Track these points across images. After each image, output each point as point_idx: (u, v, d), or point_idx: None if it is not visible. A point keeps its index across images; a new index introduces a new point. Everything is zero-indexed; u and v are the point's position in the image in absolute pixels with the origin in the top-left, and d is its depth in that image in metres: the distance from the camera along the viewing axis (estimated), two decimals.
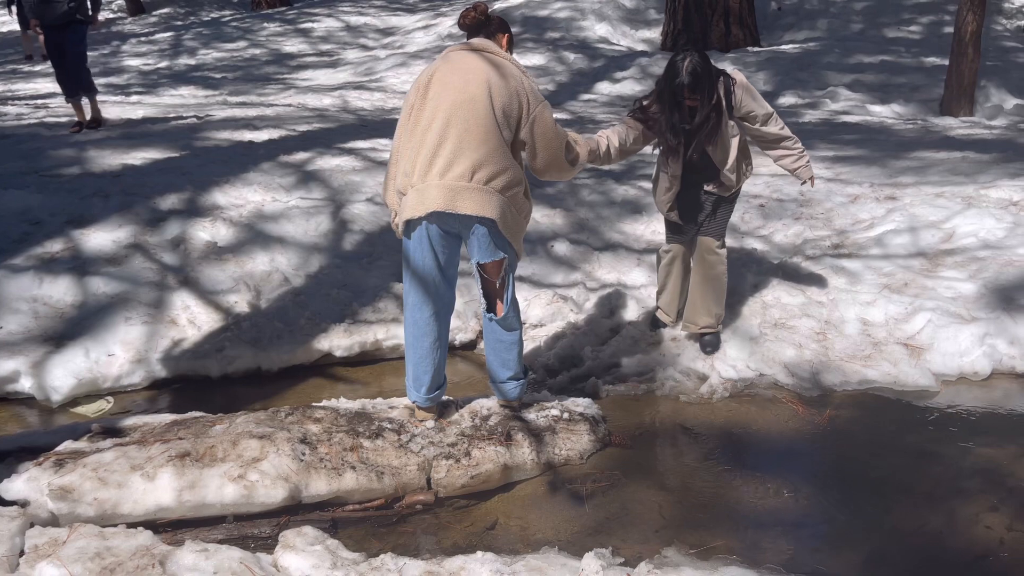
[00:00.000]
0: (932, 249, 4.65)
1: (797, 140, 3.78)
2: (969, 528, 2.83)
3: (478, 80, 2.99)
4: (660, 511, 2.98)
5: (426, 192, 2.98)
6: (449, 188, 2.95)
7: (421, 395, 3.29)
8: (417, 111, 3.06)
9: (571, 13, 12.38)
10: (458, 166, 2.96)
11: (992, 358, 3.81)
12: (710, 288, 3.91)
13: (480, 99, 2.97)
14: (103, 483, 2.85)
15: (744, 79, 3.62)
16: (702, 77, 3.43)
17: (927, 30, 11.51)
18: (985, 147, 6.54)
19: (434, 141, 2.98)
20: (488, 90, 2.98)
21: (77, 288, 4.28)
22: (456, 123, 2.96)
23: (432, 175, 2.98)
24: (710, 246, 3.85)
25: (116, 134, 6.89)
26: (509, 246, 3.13)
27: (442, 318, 3.25)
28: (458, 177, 2.96)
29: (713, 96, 3.50)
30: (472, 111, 2.96)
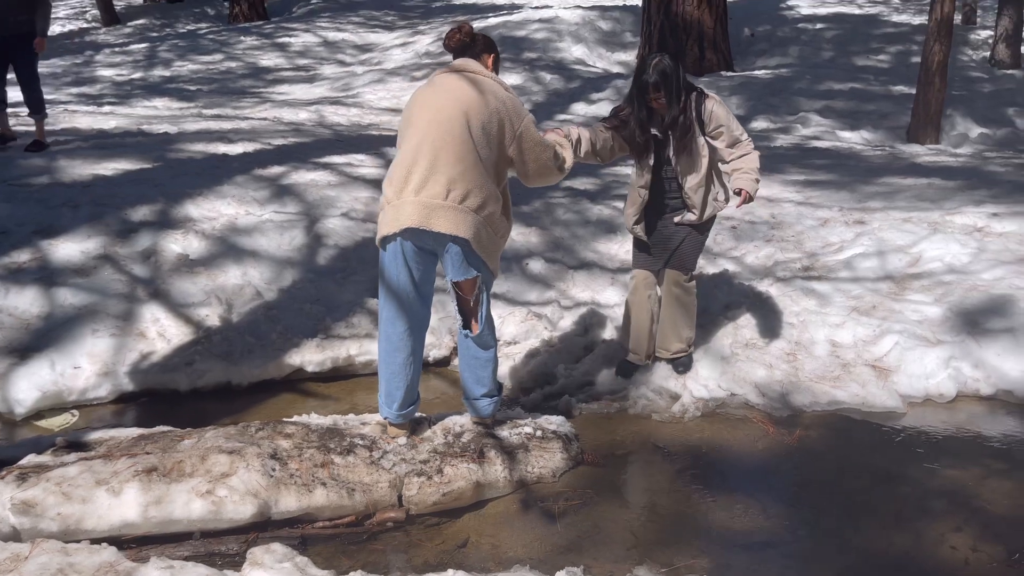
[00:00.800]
0: (899, 273, 4.73)
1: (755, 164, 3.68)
2: (935, 548, 2.86)
3: (455, 99, 3.03)
4: (632, 530, 2.98)
5: (401, 209, 3.01)
6: (424, 205, 2.98)
7: (393, 411, 3.27)
8: (401, 133, 3.13)
9: (548, 34, 12.49)
10: (433, 184, 2.98)
11: (957, 380, 3.88)
12: (679, 314, 3.90)
13: (456, 118, 3.00)
14: (67, 498, 2.80)
15: (719, 100, 3.65)
16: (669, 77, 3.47)
17: (895, 59, 11.77)
18: (951, 174, 6.69)
19: (410, 160, 3.03)
20: (464, 109, 3.01)
21: (44, 299, 4.21)
22: (430, 142, 3.00)
23: (407, 192, 3.01)
24: (678, 279, 3.84)
25: (88, 144, 6.81)
26: (484, 265, 3.15)
27: (415, 334, 3.24)
28: (433, 195, 2.98)
29: (680, 101, 3.53)
30: (447, 130, 2.99)
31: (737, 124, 3.67)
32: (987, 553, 2.82)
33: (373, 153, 6.62)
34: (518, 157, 3.15)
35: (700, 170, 3.65)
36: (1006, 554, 2.81)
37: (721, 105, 3.62)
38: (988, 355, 3.95)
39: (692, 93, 3.59)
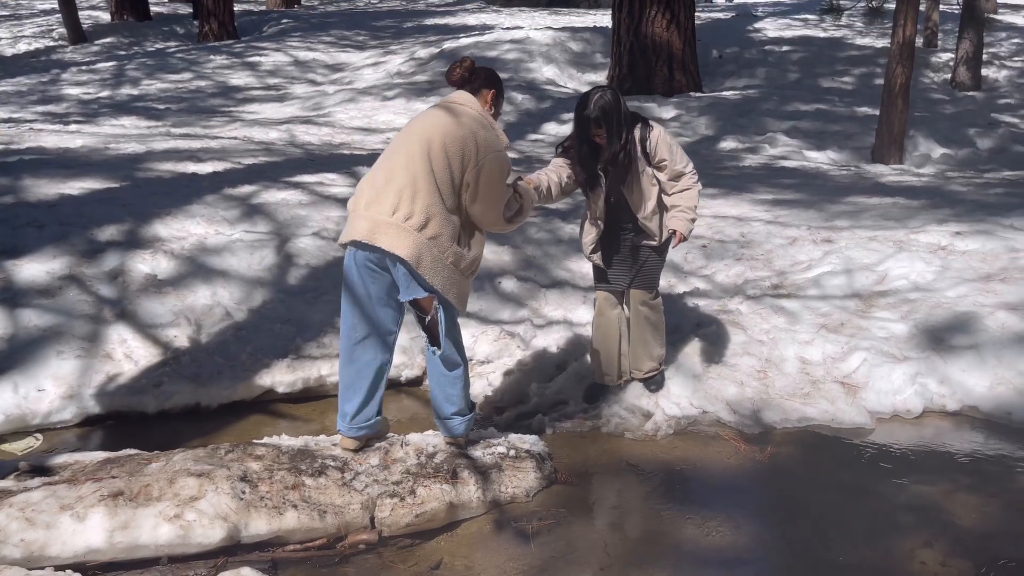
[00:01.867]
0: (866, 291, 4.80)
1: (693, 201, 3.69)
2: (905, 563, 2.89)
3: (428, 125, 3.10)
4: (605, 549, 2.98)
5: (354, 222, 3.09)
6: (371, 220, 3.04)
7: (344, 423, 3.29)
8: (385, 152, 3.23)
9: (520, 55, 12.59)
10: (383, 201, 3.04)
11: (924, 396, 3.94)
12: (649, 333, 3.89)
13: (421, 141, 3.06)
14: (30, 523, 2.74)
15: (664, 132, 3.63)
16: (610, 113, 3.44)
17: (859, 81, 12.01)
18: (914, 194, 6.82)
19: (371, 176, 3.14)
20: (431, 134, 3.06)
21: (7, 320, 4.13)
22: (392, 161, 3.09)
23: (360, 206, 3.09)
24: (643, 298, 3.83)
25: (53, 163, 6.71)
26: (433, 289, 3.10)
27: (373, 347, 3.22)
28: (380, 212, 3.03)
29: (623, 136, 3.49)
30: (409, 152, 3.06)
31: (682, 156, 3.65)
32: (956, 568, 2.85)
33: (344, 172, 6.60)
34: (472, 186, 3.10)
35: (651, 199, 3.64)
36: (975, 569, 2.84)
37: (665, 138, 3.60)
38: (953, 371, 4.02)
39: (636, 125, 3.57)
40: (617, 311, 3.89)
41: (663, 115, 10.45)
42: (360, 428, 3.30)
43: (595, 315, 3.95)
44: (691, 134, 9.86)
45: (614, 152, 3.51)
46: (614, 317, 3.89)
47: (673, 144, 3.64)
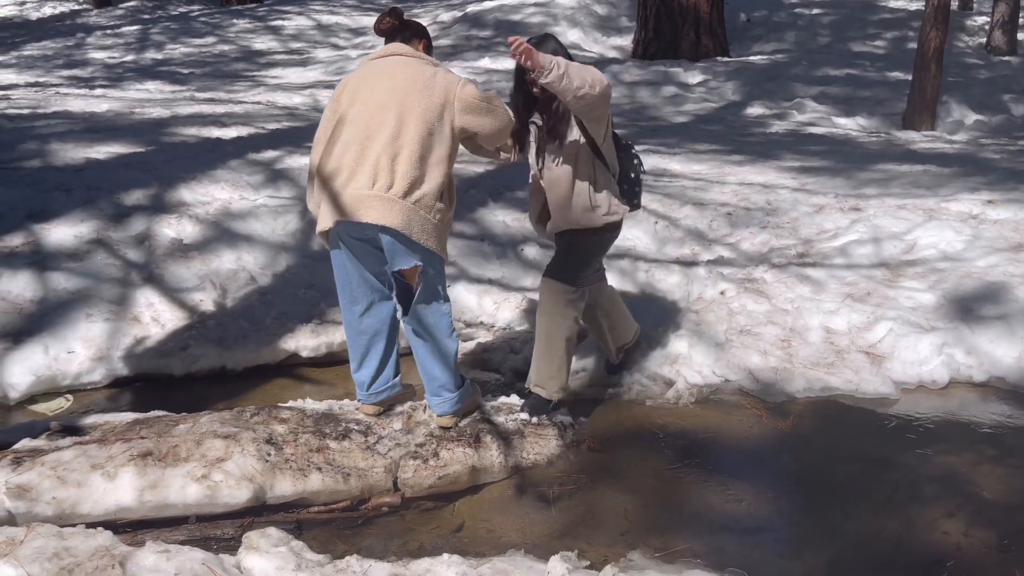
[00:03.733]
0: (894, 260, 4.74)
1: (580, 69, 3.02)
2: (927, 533, 2.88)
3: (387, 87, 3.00)
4: (625, 514, 2.99)
5: (334, 202, 3.02)
6: (352, 198, 2.97)
7: (363, 392, 3.33)
8: (329, 121, 3.08)
9: (544, 18, 12.43)
10: (360, 175, 2.97)
11: (950, 367, 3.90)
12: (541, 344, 3.48)
13: (386, 104, 2.97)
14: (62, 482, 2.80)
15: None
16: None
17: (892, 45, 11.75)
18: (946, 161, 6.69)
19: (340, 152, 3.02)
20: (395, 96, 2.97)
21: (37, 283, 4.20)
22: (358, 132, 2.98)
23: (337, 185, 3.01)
24: (541, 289, 3.49)
25: (80, 127, 6.76)
26: (426, 250, 3.06)
27: (377, 314, 3.24)
28: (359, 186, 2.96)
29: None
30: (377, 119, 2.97)
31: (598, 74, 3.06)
32: (979, 538, 2.84)
33: None
34: (473, 124, 3.06)
35: (567, 165, 3.28)
36: (998, 539, 2.83)
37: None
38: (981, 342, 3.97)
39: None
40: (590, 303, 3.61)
41: (689, 80, 10.30)
42: (380, 393, 3.33)
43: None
44: (717, 100, 9.71)
45: (545, 102, 3.22)
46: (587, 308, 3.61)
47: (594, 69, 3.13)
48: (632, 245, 5.10)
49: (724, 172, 6.37)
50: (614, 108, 9.37)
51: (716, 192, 5.78)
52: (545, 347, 3.47)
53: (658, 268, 4.80)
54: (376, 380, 3.31)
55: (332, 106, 3.10)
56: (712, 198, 5.66)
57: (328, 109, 3.12)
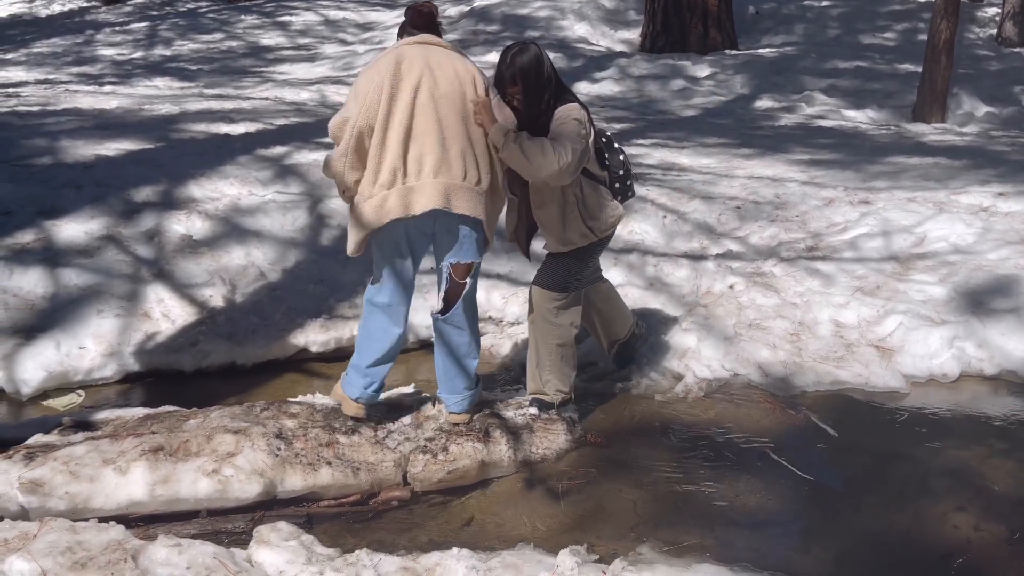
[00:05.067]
0: (904, 253, 4.72)
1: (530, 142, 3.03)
2: (937, 527, 2.88)
3: (449, 77, 2.99)
4: (635, 509, 3.00)
5: (420, 191, 2.95)
6: (444, 187, 2.96)
7: (369, 392, 3.24)
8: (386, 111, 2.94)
9: (551, 12, 12.39)
10: (453, 167, 2.98)
11: (961, 360, 3.88)
12: (535, 350, 3.44)
13: (455, 95, 2.99)
14: (74, 477, 2.82)
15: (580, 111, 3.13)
16: (528, 71, 3.06)
17: (902, 37, 11.67)
18: (956, 153, 6.65)
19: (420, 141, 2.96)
20: (461, 86, 3.00)
21: (48, 280, 4.22)
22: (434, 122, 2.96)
23: (425, 175, 2.96)
24: (531, 293, 3.41)
25: (89, 124, 6.79)
26: (486, 243, 3.16)
27: (406, 315, 3.24)
28: (453, 177, 2.98)
29: (543, 99, 3.11)
30: (454, 112, 2.98)
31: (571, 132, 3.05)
32: (990, 532, 2.83)
33: None
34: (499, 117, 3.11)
35: (551, 189, 3.18)
36: (1008, 533, 2.82)
37: (569, 113, 3.10)
38: (992, 335, 3.95)
39: (563, 96, 3.15)
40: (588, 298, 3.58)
41: (698, 73, 10.26)
42: (377, 395, 3.29)
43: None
44: (726, 93, 9.67)
45: (532, 115, 3.10)
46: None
47: (577, 126, 3.08)
48: (640, 239, 5.10)
49: (733, 166, 6.34)
50: (623, 103, 9.36)
51: (725, 186, 5.77)
52: (536, 356, 3.42)
53: (666, 262, 4.79)
54: (381, 383, 3.28)
55: (387, 91, 2.93)
56: (721, 192, 5.65)
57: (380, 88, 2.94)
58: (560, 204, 3.22)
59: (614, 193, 3.38)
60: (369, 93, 2.96)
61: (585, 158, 3.14)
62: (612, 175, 3.37)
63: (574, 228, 3.24)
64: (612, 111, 8.90)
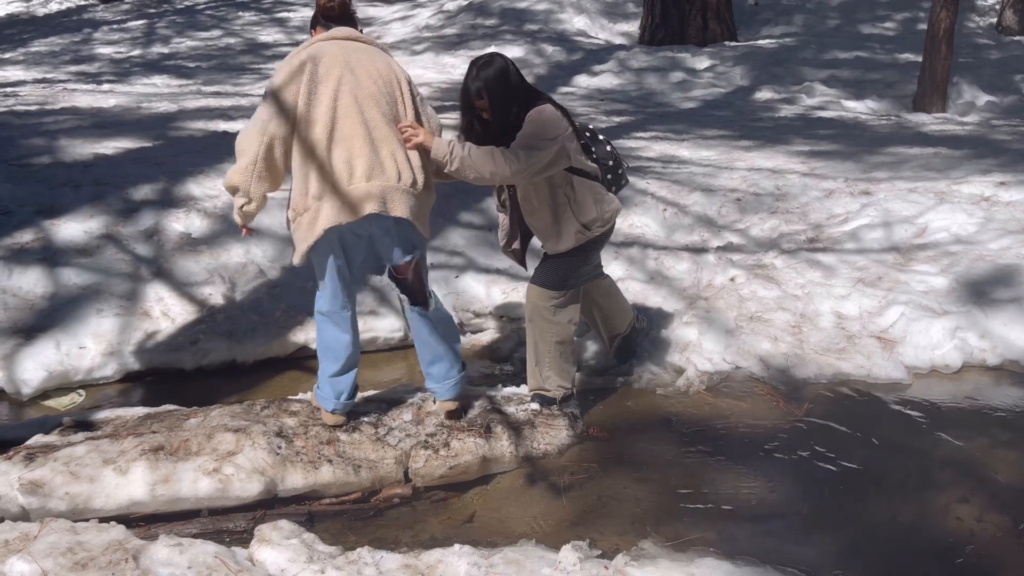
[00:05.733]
0: (905, 244, 4.70)
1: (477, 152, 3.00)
2: (940, 519, 2.87)
3: (372, 75, 2.91)
4: (637, 503, 2.99)
5: (354, 195, 2.87)
6: (380, 189, 2.88)
7: (341, 401, 3.17)
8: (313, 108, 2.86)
9: (549, 5, 12.35)
10: (386, 168, 2.90)
11: (963, 351, 3.86)
12: (534, 347, 3.42)
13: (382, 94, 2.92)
14: (75, 477, 2.82)
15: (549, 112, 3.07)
16: (494, 83, 3.00)
17: (902, 27, 11.63)
18: (957, 143, 6.63)
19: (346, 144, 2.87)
20: (387, 84, 2.94)
21: (47, 279, 4.21)
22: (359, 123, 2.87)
23: (357, 179, 2.87)
24: (527, 292, 3.39)
25: (88, 123, 6.78)
26: (422, 238, 3.09)
27: (355, 316, 3.18)
28: (389, 179, 2.90)
29: (511, 110, 3.04)
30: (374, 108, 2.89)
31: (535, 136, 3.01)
32: (993, 523, 2.82)
33: None
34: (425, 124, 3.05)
35: (539, 194, 3.16)
36: (1012, 524, 2.81)
37: (538, 119, 3.04)
38: (995, 325, 3.94)
39: (535, 103, 3.08)
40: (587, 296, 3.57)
41: (697, 65, 10.24)
42: (351, 403, 3.23)
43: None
44: (726, 85, 9.65)
45: (502, 128, 3.05)
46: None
47: (541, 127, 3.03)
48: (641, 233, 5.08)
49: (733, 158, 6.32)
50: (623, 96, 9.33)
51: (725, 178, 5.75)
52: (535, 354, 3.41)
53: (667, 255, 4.78)
54: (352, 388, 3.20)
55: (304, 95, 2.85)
56: (721, 184, 5.63)
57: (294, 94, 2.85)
58: (551, 208, 3.18)
59: (608, 185, 3.35)
60: (280, 100, 2.86)
61: (556, 160, 3.06)
62: (602, 166, 3.33)
63: (569, 229, 3.20)
64: (611, 104, 8.88)
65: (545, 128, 3.03)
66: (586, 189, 3.21)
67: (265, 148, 2.87)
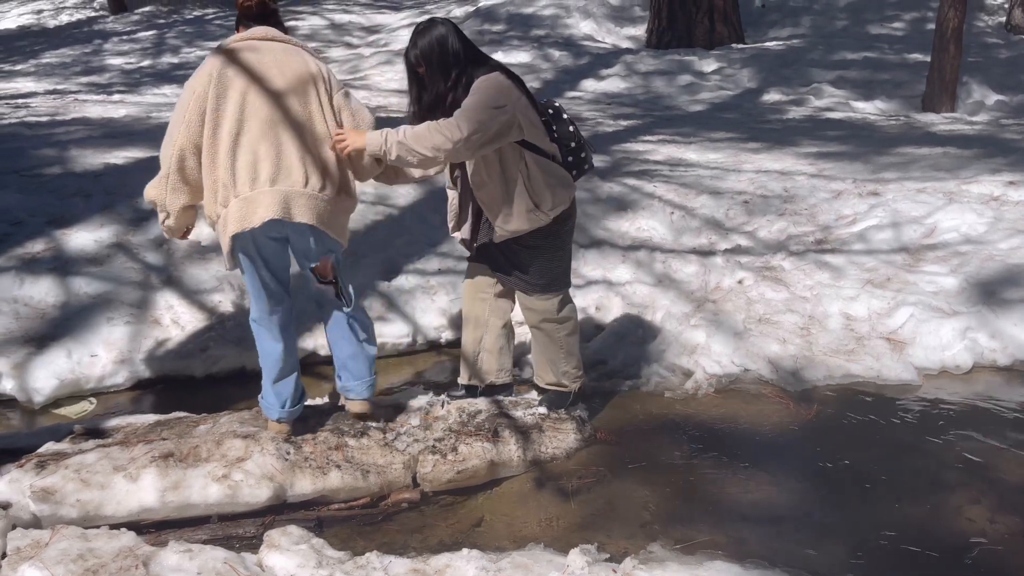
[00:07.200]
0: (914, 244, 4.68)
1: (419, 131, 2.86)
2: (952, 521, 2.85)
3: (284, 77, 2.84)
4: (646, 507, 2.98)
5: (257, 200, 2.80)
6: (283, 195, 2.80)
7: (286, 409, 3.11)
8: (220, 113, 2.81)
9: (556, 11, 12.38)
10: (292, 172, 2.83)
11: (973, 352, 3.84)
12: (546, 347, 3.38)
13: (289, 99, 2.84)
14: (86, 484, 2.84)
15: (496, 80, 2.95)
16: (430, 48, 2.91)
17: (910, 26, 11.59)
18: (967, 143, 6.59)
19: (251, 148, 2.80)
20: (296, 86, 2.85)
21: (59, 288, 4.25)
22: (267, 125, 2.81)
23: (260, 183, 2.80)
24: (524, 303, 3.28)
25: (98, 133, 6.83)
26: (335, 242, 3.00)
27: (291, 323, 3.13)
28: (293, 184, 2.82)
29: (450, 76, 2.93)
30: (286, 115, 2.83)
31: (479, 105, 2.86)
32: (1004, 524, 2.80)
33: None
34: (351, 123, 2.96)
35: (490, 167, 3.01)
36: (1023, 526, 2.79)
37: (484, 85, 2.91)
38: (1005, 325, 3.91)
39: (479, 69, 2.96)
40: (485, 297, 3.35)
41: (704, 68, 10.23)
42: (298, 410, 3.17)
43: (463, 297, 3.44)
44: (733, 87, 9.63)
45: (437, 94, 2.94)
46: (479, 305, 3.36)
47: (487, 95, 2.89)
48: (648, 236, 5.08)
49: (740, 160, 6.31)
50: (630, 99, 9.33)
51: (733, 180, 5.74)
52: (546, 354, 3.39)
53: (675, 258, 4.78)
54: (296, 395, 3.14)
55: (212, 102, 2.80)
56: (729, 186, 5.62)
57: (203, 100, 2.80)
58: (502, 181, 3.02)
59: (568, 167, 3.17)
60: (190, 108, 2.81)
61: (504, 130, 2.92)
62: (562, 147, 3.16)
63: (520, 206, 3.03)
64: (619, 108, 8.88)
65: (491, 96, 2.88)
66: (540, 167, 3.05)
67: (177, 160, 2.83)
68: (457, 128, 2.81)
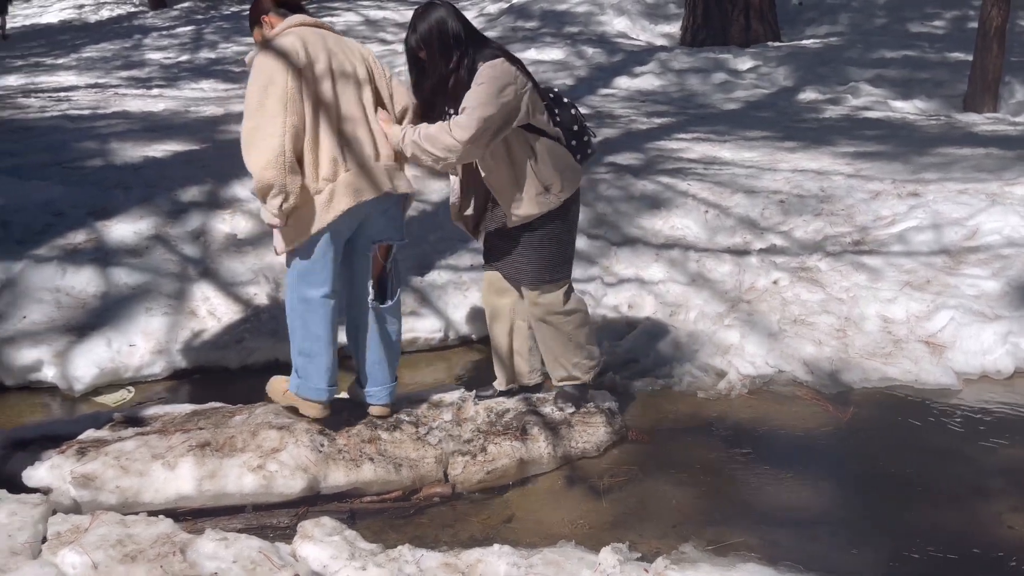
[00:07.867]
0: (955, 246, 4.60)
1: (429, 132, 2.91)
2: (991, 528, 2.80)
3: (348, 59, 2.97)
4: (677, 506, 2.97)
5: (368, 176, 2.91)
6: (384, 170, 2.96)
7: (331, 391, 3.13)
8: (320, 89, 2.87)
9: (590, 8, 12.33)
10: (382, 148, 2.98)
11: (1015, 356, 3.77)
12: (553, 342, 3.31)
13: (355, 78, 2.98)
14: (125, 471, 2.88)
15: (500, 67, 2.89)
16: (429, 31, 2.91)
17: (951, 25, 11.38)
18: (1009, 144, 6.46)
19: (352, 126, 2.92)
20: (355, 66, 2.98)
21: (99, 279, 4.32)
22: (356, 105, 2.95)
23: (367, 159, 2.93)
24: (529, 297, 3.23)
25: (138, 127, 6.94)
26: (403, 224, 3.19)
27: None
28: (386, 158, 2.98)
29: (451, 58, 2.92)
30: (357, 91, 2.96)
31: (481, 96, 2.84)
32: None
33: None
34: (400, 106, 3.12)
35: (496, 152, 2.98)
36: None
37: (489, 73, 2.87)
38: None
39: (481, 51, 2.94)
40: (506, 300, 3.33)
41: (739, 66, 10.13)
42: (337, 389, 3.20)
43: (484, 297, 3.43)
44: (769, 86, 9.53)
45: (440, 77, 2.94)
46: (501, 307, 3.35)
47: (492, 85, 2.85)
48: (682, 235, 5.05)
49: (776, 159, 6.25)
50: (664, 97, 9.27)
51: (768, 179, 5.68)
52: (551, 350, 3.34)
53: (709, 257, 4.74)
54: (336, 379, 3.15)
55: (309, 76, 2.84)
56: (764, 186, 5.56)
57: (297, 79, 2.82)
58: (509, 164, 3.00)
59: (572, 151, 3.15)
60: (289, 86, 2.80)
61: (510, 116, 2.91)
62: (565, 131, 3.14)
63: (530, 190, 3.02)
64: (653, 106, 8.82)
65: (496, 86, 2.86)
66: (547, 149, 3.05)
67: (291, 139, 2.81)
68: (470, 124, 2.82)
